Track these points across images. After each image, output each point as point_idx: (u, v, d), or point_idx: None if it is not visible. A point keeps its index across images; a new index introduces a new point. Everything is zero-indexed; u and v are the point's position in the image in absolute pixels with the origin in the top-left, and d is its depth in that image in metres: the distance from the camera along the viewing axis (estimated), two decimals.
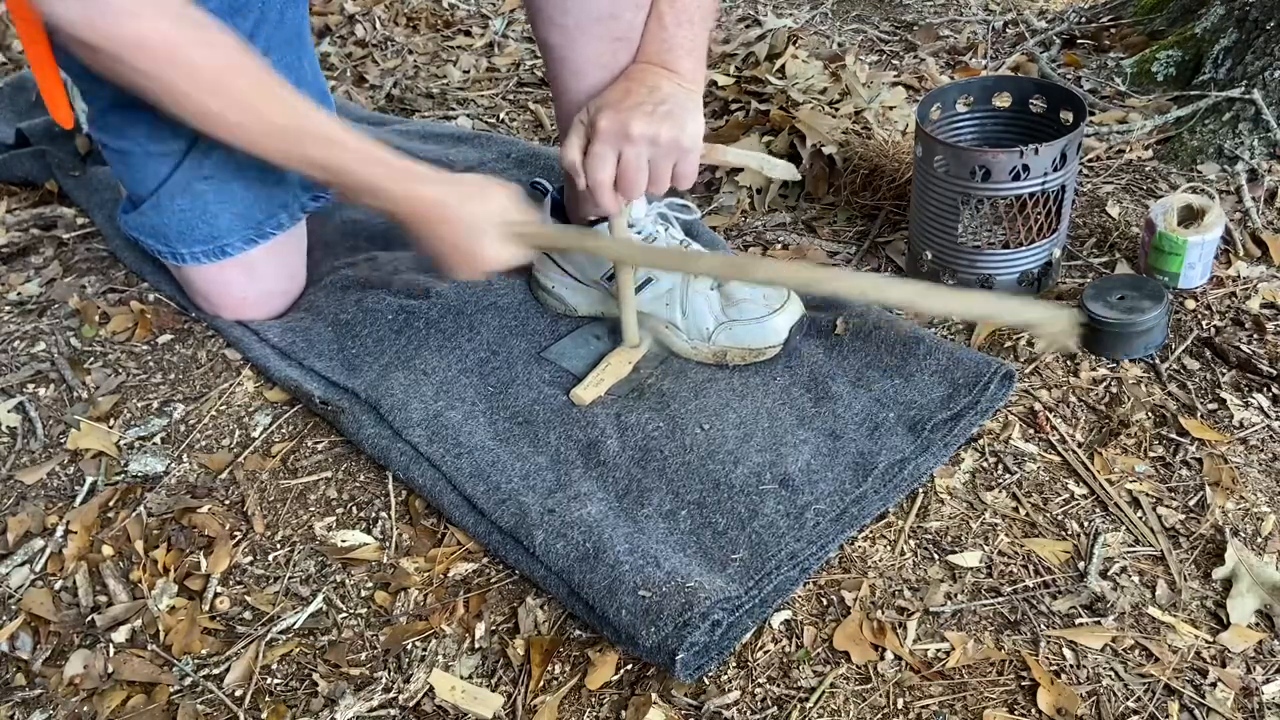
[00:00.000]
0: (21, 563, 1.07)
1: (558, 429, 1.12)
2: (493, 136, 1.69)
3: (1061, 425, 1.11)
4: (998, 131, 1.32)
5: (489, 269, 1.07)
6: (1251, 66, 1.50)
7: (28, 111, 1.81)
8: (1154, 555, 0.98)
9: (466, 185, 1.06)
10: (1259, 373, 1.14)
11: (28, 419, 1.24)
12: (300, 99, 1.02)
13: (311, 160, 1.03)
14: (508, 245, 1.06)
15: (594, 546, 0.96)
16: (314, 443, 1.18)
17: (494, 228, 1.04)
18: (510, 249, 1.06)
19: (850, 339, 1.19)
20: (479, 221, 1.04)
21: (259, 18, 1.14)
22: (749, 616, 0.93)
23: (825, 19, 2.10)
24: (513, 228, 1.05)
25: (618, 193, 1.04)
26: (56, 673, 0.96)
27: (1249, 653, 0.89)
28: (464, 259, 1.06)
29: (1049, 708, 0.86)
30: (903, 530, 1.02)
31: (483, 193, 1.05)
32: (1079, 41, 1.86)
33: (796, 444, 1.07)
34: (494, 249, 1.05)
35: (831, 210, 1.48)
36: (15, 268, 1.49)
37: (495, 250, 1.05)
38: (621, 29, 1.05)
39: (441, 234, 1.04)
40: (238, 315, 1.31)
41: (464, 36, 2.18)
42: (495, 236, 1.05)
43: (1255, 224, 1.35)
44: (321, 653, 0.96)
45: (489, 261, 1.06)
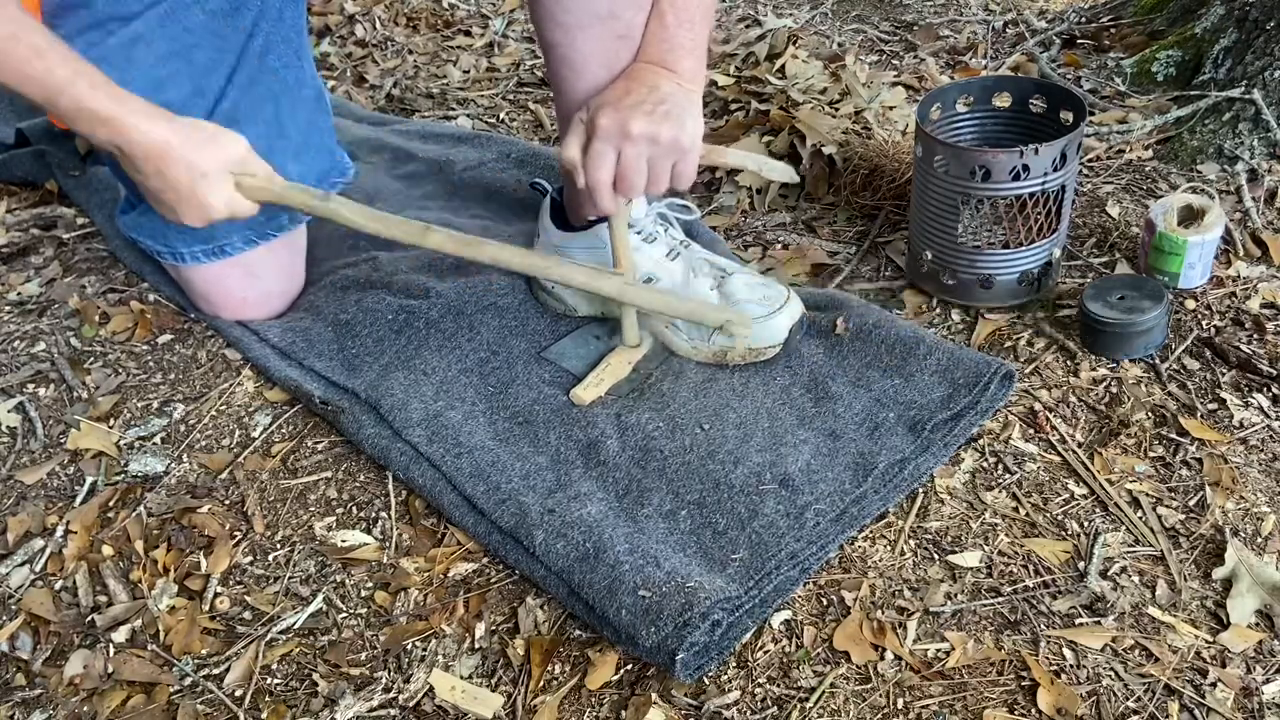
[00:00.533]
0: (21, 563, 1.07)
1: (558, 429, 1.12)
2: (493, 136, 1.69)
3: (1061, 425, 1.11)
4: (998, 131, 1.32)
5: (211, 217, 1.07)
6: (1251, 66, 1.50)
7: (28, 112, 1.81)
8: (1154, 555, 0.98)
9: (197, 129, 1.04)
10: (1259, 373, 1.14)
11: (28, 419, 1.24)
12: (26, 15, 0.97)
13: (29, 75, 0.97)
14: (235, 195, 1.05)
15: (594, 546, 0.96)
16: (314, 443, 1.18)
17: (221, 175, 1.03)
18: (237, 199, 1.06)
19: (850, 339, 1.19)
20: (207, 167, 1.03)
21: (258, 15, 1.14)
22: (749, 616, 0.93)
23: (825, 19, 2.10)
24: (244, 179, 1.05)
25: (616, 192, 1.04)
26: (56, 673, 0.96)
27: (1249, 653, 0.89)
28: (187, 204, 1.05)
29: (1049, 708, 0.86)
30: (903, 530, 1.02)
31: (214, 139, 1.04)
32: (1079, 41, 1.86)
33: (796, 444, 1.07)
34: (219, 197, 1.05)
35: (831, 210, 1.48)
36: (15, 268, 1.49)
37: (220, 198, 1.05)
38: (622, 28, 1.05)
39: (167, 174, 1.03)
40: (237, 315, 1.31)
41: (464, 36, 2.18)
42: (222, 184, 1.04)
43: (1255, 224, 1.35)
44: (321, 653, 0.96)
45: (212, 209, 1.05)
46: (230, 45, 1.14)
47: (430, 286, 1.29)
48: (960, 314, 1.27)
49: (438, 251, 1.10)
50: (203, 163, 1.03)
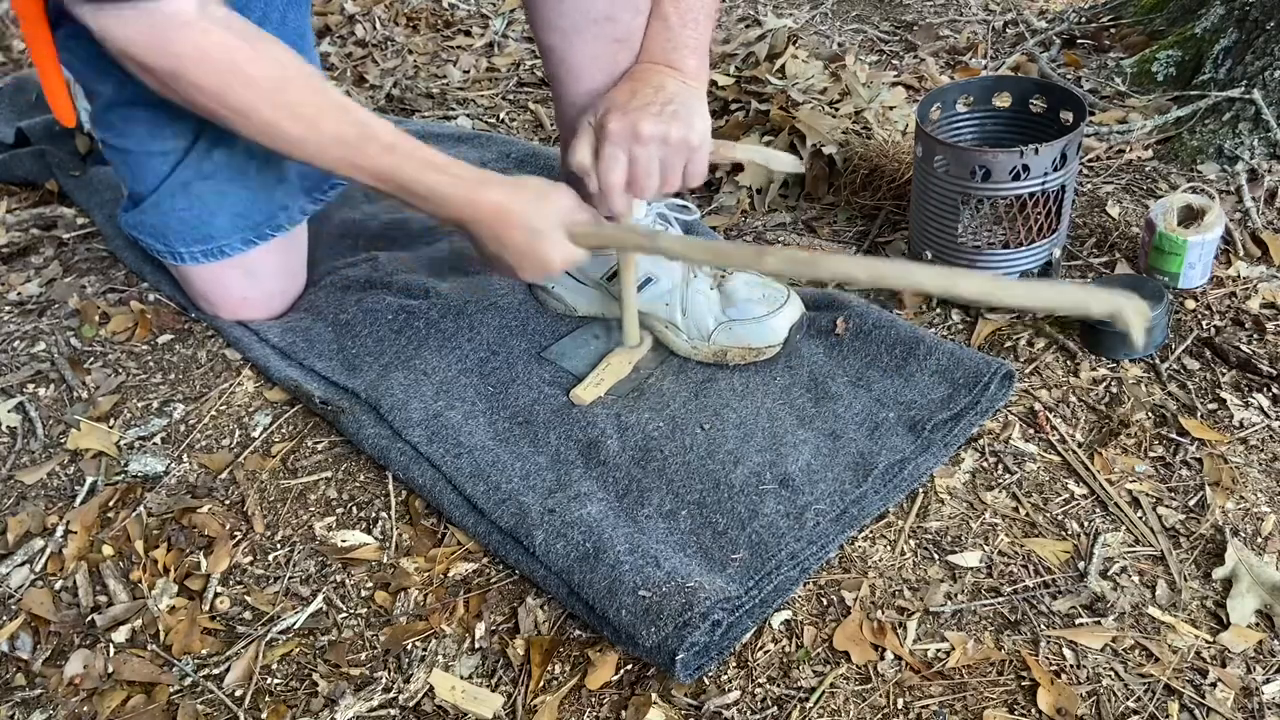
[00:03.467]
0: (21, 563, 1.07)
1: (558, 429, 1.12)
2: (493, 136, 1.69)
3: (1061, 425, 1.11)
4: (998, 131, 1.32)
5: (553, 270, 1.07)
6: (1251, 66, 1.50)
7: (28, 111, 1.81)
8: (1154, 555, 0.98)
9: (528, 188, 1.05)
10: (1259, 373, 1.14)
11: (28, 419, 1.24)
12: (357, 107, 1.02)
13: (370, 170, 1.01)
14: (569, 246, 1.05)
15: (594, 546, 0.96)
16: (314, 443, 1.18)
17: (556, 230, 1.04)
18: (572, 250, 1.06)
19: (850, 339, 1.19)
20: (542, 224, 1.03)
21: (261, 17, 1.14)
22: (749, 616, 0.93)
23: (825, 19, 2.10)
24: (574, 228, 1.05)
25: (629, 194, 1.04)
26: (56, 673, 0.96)
27: (1249, 653, 0.89)
28: (529, 262, 1.06)
29: (1049, 708, 0.86)
30: (903, 530, 1.02)
31: (544, 195, 1.05)
32: (1079, 41, 1.86)
33: (796, 444, 1.07)
34: (557, 250, 1.05)
35: (831, 210, 1.48)
36: (15, 268, 1.49)
37: (558, 252, 1.05)
38: (620, 31, 1.05)
39: (505, 238, 1.04)
40: (237, 315, 1.31)
41: (464, 36, 2.18)
42: (558, 238, 1.04)
43: (1255, 224, 1.35)
44: (321, 653, 0.96)
45: (553, 263, 1.06)
46: None
47: (430, 286, 1.29)
48: (960, 314, 1.27)
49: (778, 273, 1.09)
50: (538, 221, 1.03)
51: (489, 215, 1.03)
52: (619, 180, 1.02)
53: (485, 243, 1.06)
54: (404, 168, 1.01)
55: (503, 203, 1.03)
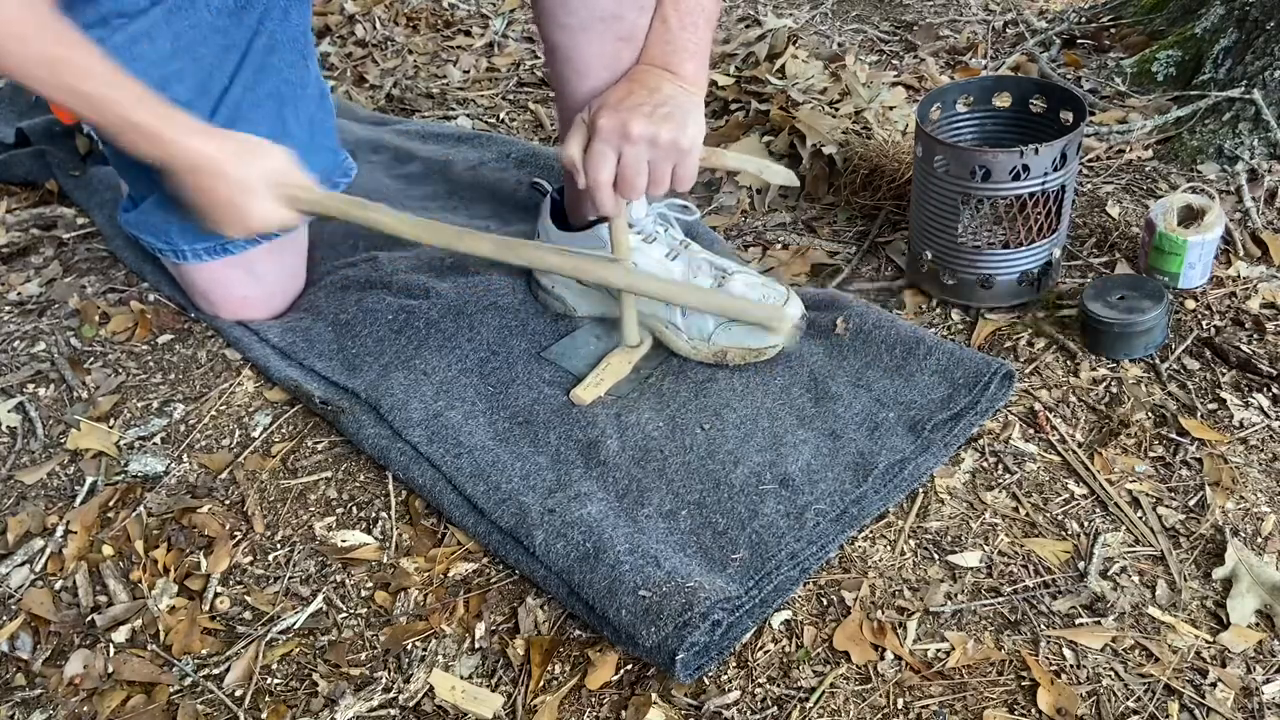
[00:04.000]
0: (21, 563, 1.07)
1: (558, 429, 1.12)
2: (493, 136, 1.69)
3: (1061, 425, 1.11)
4: (998, 131, 1.32)
5: (256, 229, 1.07)
6: (1251, 66, 1.50)
7: (28, 111, 1.81)
8: (1154, 555, 0.98)
9: (241, 142, 1.05)
10: (1259, 373, 1.14)
11: (28, 419, 1.24)
12: (77, 33, 0.98)
13: (76, 93, 0.98)
14: (279, 206, 1.06)
15: (594, 546, 0.96)
16: (314, 443, 1.18)
17: (266, 187, 1.04)
18: (281, 210, 1.06)
19: (850, 339, 1.19)
20: (251, 180, 1.04)
21: (263, 14, 1.14)
22: (749, 616, 0.93)
23: (825, 19, 2.10)
24: (285, 189, 1.05)
25: (617, 193, 1.04)
26: (56, 673, 0.96)
27: (1249, 653, 0.89)
28: (232, 216, 1.06)
29: (1049, 708, 0.86)
30: (903, 530, 1.02)
31: (257, 151, 1.05)
32: (1079, 41, 1.86)
33: (796, 444, 1.07)
34: (264, 208, 1.05)
35: (831, 210, 1.48)
36: (15, 268, 1.49)
37: (265, 210, 1.06)
38: (625, 29, 1.05)
39: (211, 188, 1.03)
40: (238, 315, 1.31)
41: (464, 36, 2.18)
42: (267, 196, 1.05)
43: (1255, 224, 1.35)
44: (321, 653, 0.96)
45: (257, 221, 1.06)
46: (235, 43, 1.14)
47: (430, 286, 1.29)
48: (960, 314, 1.27)
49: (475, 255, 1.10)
50: (244, 176, 1.04)
51: (191, 162, 1.02)
52: (606, 178, 1.02)
53: (187, 191, 1.05)
54: (105, 96, 0.99)
55: (206, 151, 1.02)
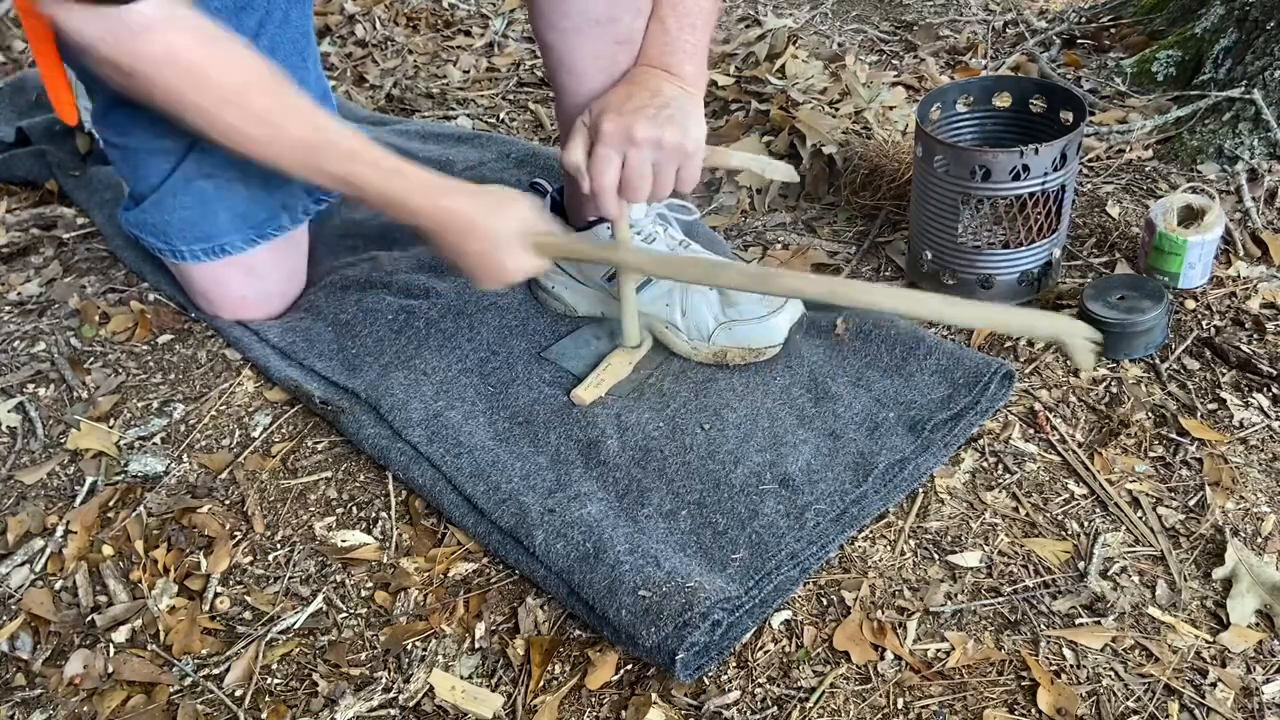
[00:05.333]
0: (21, 563, 1.07)
1: (558, 429, 1.12)
2: (493, 136, 1.69)
3: (1061, 425, 1.11)
4: (998, 131, 1.32)
5: (513, 280, 1.08)
6: (1251, 66, 1.50)
7: (28, 111, 1.81)
8: (1154, 555, 0.98)
9: (489, 197, 1.06)
10: (1259, 373, 1.14)
11: (28, 419, 1.24)
12: (320, 113, 1.03)
13: (333, 175, 1.03)
14: (530, 256, 1.06)
15: (594, 546, 0.96)
16: (314, 443, 1.18)
17: (517, 239, 1.05)
18: (533, 259, 1.07)
19: (850, 339, 1.19)
20: (503, 233, 1.04)
21: (263, 16, 1.14)
22: (749, 616, 0.93)
23: (825, 19, 2.10)
24: (534, 238, 1.06)
25: (621, 196, 1.04)
26: (56, 673, 0.96)
27: (1249, 653, 0.89)
28: (489, 270, 1.07)
29: (1049, 708, 0.86)
30: (903, 530, 1.02)
31: (505, 204, 1.05)
32: (1079, 41, 1.86)
33: (796, 444, 1.07)
34: (517, 260, 1.06)
35: (831, 210, 1.48)
36: (15, 268, 1.49)
37: (519, 261, 1.06)
38: (621, 32, 1.05)
39: (465, 246, 1.05)
40: (237, 315, 1.31)
41: (464, 36, 2.18)
42: (518, 247, 1.05)
43: (1255, 224, 1.35)
44: (321, 653, 0.96)
45: (513, 273, 1.07)
46: None
47: (430, 286, 1.29)
48: None
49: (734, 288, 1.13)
50: (495, 229, 1.04)
51: (448, 223, 1.04)
52: (611, 182, 1.02)
53: (445, 250, 1.07)
54: (364, 174, 1.03)
55: (463, 211, 1.04)
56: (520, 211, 1.06)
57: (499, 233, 1.04)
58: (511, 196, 1.06)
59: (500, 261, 1.06)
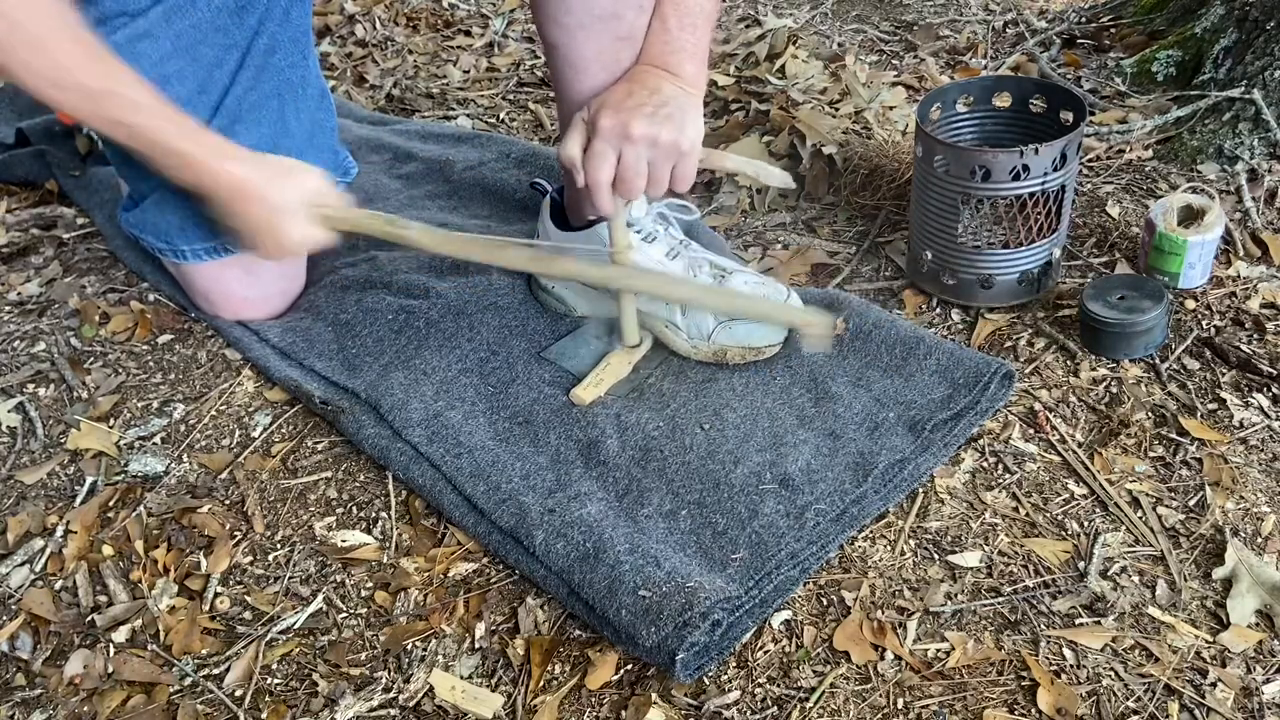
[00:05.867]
0: (21, 563, 1.07)
1: (558, 429, 1.12)
2: (493, 136, 1.69)
3: (1061, 425, 1.11)
4: (998, 131, 1.32)
5: (293, 251, 1.09)
6: (1251, 66, 1.50)
7: (28, 111, 1.81)
8: (1154, 555, 0.98)
9: (274, 165, 1.07)
10: (1259, 373, 1.14)
11: (28, 419, 1.24)
12: (116, 60, 1.00)
13: (117, 122, 1.01)
14: (313, 227, 1.07)
15: (594, 546, 0.96)
16: (314, 443, 1.18)
17: (300, 209, 1.06)
18: (315, 231, 1.08)
19: (850, 339, 1.19)
20: (285, 202, 1.05)
21: (264, 14, 1.14)
22: (749, 616, 0.93)
23: (825, 19, 2.10)
24: (319, 210, 1.07)
25: (615, 193, 1.04)
26: (56, 673, 0.96)
27: (1249, 653, 0.89)
28: (269, 239, 1.08)
29: (1049, 708, 0.86)
30: (903, 530, 1.02)
31: (291, 174, 1.06)
32: (1079, 41, 1.87)
33: (796, 444, 1.07)
34: (299, 230, 1.07)
35: (831, 210, 1.48)
36: (15, 268, 1.49)
37: (300, 232, 1.07)
38: (624, 29, 1.05)
39: (247, 212, 1.05)
40: (238, 315, 1.31)
41: (464, 36, 2.18)
42: (301, 218, 1.06)
43: (1255, 224, 1.35)
44: (321, 653, 0.96)
45: (293, 243, 1.08)
46: (236, 43, 1.14)
47: (430, 286, 1.29)
48: (960, 314, 1.27)
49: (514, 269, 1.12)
50: (281, 199, 1.05)
51: (229, 187, 1.04)
52: (606, 177, 1.02)
53: (224, 215, 1.07)
54: (147, 125, 1.01)
55: (244, 175, 1.04)
56: (306, 182, 1.06)
57: (281, 201, 1.05)
58: (299, 167, 1.07)
59: (281, 230, 1.06)
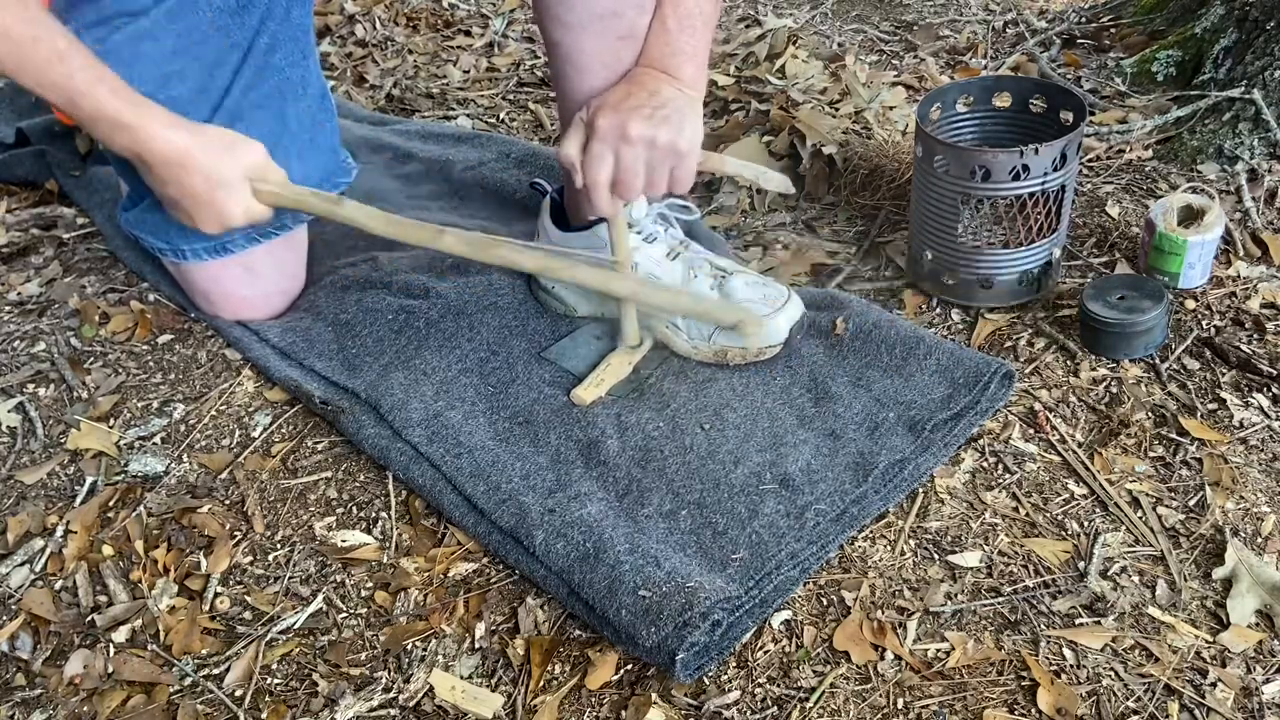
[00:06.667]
0: (21, 563, 1.07)
1: (558, 429, 1.12)
2: (493, 136, 1.69)
3: (1061, 425, 1.11)
4: (998, 131, 1.32)
5: (228, 224, 1.08)
6: (1251, 66, 1.50)
7: (28, 111, 1.81)
8: (1154, 555, 0.98)
9: (214, 136, 1.05)
10: (1259, 373, 1.14)
11: (28, 419, 1.24)
12: (51, 18, 0.96)
13: (42, 78, 0.97)
14: (252, 201, 1.07)
15: (594, 546, 0.96)
16: (314, 443, 1.18)
17: (239, 182, 1.05)
18: (254, 206, 1.07)
19: (850, 339, 1.19)
20: (226, 174, 1.04)
21: (265, 13, 1.14)
22: (749, 616, 0.93)
23: (825, 19, 2.10)
24: (259, 185, 1.06)
25: (614, 194, 1.04)
26: (56, 673, 0.96)
27: (1249, 653, 0.89)
28: (204, 210, 1.06)
29: (1049, 708, 0.86)
30: (903, 530, 1.02)
31: (232, 146, 1.05)
32: (1079, 41, 1.87)
33: (796, 444, 1.07)
34: (237, 203, 1.06)
35: (831, 210, 1.48)
36: (15, 268, 1.49)
37: (238, 205, 1.06)
38: (625, 28, 1.05)
39: (184, 181, 1.04)
40: (237, 315, 1.31)
41: (464, 36, 2.18)
42: (242, 191, 1.05)
43: (1255, 224, 1.35)
44: (321, 653, 0.96)
45: (230, 216, 1.07)
46: (237, 43, 1.14)
47: (430, 286, 1.29)
48: (960, 314, 1.27)
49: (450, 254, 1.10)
50: (221, 170, 1.04)
51: (165, 154, 1.02)
52: (604, 178, 1.02)
53: (166, 184, 1.05)
54: (75, 80, 0.97)
55: (184, 144, 1.02)
56: (248, 155, 1.05)
57: (222, 173, 1.03)
58: (240, 140, 1.06)
59: (221, 202, 1.05)
